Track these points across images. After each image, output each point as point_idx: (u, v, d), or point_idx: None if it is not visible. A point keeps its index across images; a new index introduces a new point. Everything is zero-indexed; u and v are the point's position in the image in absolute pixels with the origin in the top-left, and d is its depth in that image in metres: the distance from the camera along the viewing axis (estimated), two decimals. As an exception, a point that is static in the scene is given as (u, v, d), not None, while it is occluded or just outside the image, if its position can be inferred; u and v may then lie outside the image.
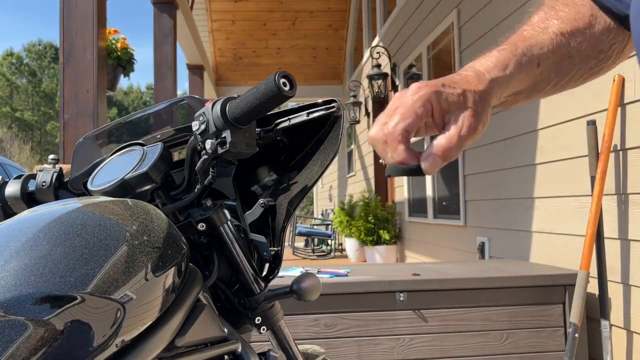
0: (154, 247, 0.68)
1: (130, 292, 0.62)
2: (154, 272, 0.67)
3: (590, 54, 0.74)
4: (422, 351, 2.55)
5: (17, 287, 0.56)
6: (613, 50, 0.76)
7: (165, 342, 0.68)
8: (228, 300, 0.97)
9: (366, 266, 3.57)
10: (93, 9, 2.99)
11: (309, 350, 1.19)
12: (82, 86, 2.95)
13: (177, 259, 0.72)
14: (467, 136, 0.63)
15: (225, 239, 0.92)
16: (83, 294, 0.58)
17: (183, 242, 0.76)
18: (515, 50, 0.69)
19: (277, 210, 1.00)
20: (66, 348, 0.55)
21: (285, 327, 1.01)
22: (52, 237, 0.62)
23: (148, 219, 0.72)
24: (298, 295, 0.96)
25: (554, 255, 3.11)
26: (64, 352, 0.55)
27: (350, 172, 10.66)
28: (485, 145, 4.06)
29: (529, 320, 2.60)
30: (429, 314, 2.55)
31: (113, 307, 0.60)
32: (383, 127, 0.64)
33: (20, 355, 0.52)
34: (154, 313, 0.66)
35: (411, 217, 6.37)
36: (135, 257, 0.65)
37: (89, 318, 0.57)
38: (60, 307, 0.56)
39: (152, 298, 0.65)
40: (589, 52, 0.74)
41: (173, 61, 5.34)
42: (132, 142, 0.99)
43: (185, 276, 0.75)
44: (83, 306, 0.57)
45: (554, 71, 0.72)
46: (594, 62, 0.75)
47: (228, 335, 0.83)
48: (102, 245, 0.63)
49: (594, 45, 0.74)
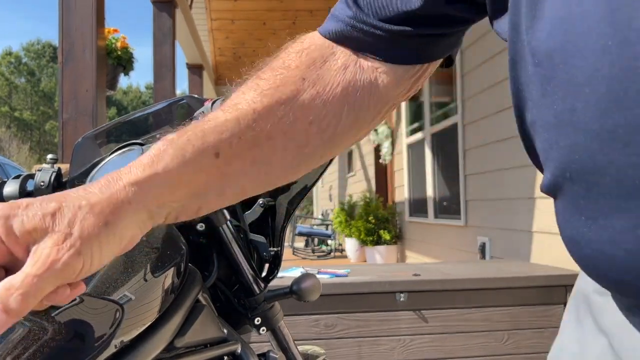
0: (153, 248, 0.68)
1: (129, 292, 0.62)
2: (153, 272, 0.66)
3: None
4: (422, 352, 2.54)
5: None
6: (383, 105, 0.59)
7: (165, 342, 0.67)
8: (228, 301, 0.96)
9: (366, 266, 3.57)
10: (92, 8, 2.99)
11: (309, 351, 1.19)
12: (81, 86, 2.95)
13: (176, 259, 0.72)
14: (48, 275, 0.40)
15: (225, 239, 0.91)
16: (82, 295, 0.57)
17: (182, 243, 0.76)
18: (180, 139, 0.50)
19: (276, 210, 0.99)
20: (65, 349, 0.55)
21: (285, 328, 1.01)
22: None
23: (147, 219, 0.71)
24: (298, 296, 0.95)
25: (555, 256, 3.10)
26: (62, 352, 0.54)
27: (350, 172, 10.66)
28: (486, 145, 4.06)
29: (530, 320, 2.60)
30: (429, 314, 2.55)
31: (112, 307, 0.59)
32: None
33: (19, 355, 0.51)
34: (153, 314, 0.65)
35: (411, 217, 6.37)
36: (134, 257, 0.64)
37: (87, 319, 0.57)
38: (58, 307, 0.55)
39: (151, 299, 0.65)
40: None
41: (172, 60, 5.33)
42: (131, 141, 0.99)
43: (185, 277, 0.75)
44: (82, 307, 0.57)
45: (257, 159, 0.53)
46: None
47: (228, 335, 0.82)
48: (100, 246, 0.62)
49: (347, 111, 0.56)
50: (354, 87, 0.56)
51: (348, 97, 0.55)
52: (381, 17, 0.54)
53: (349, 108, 0.55)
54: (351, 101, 0.55)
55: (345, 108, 0.55)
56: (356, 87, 0.56)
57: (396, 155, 7.00)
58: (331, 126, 0.55)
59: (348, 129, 0.57)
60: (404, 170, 6.60)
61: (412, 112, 6.31)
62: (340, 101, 0.55)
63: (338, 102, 0.55)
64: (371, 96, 0.57)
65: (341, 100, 0.55)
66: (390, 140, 7.04)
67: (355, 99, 0.56)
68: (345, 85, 0.55)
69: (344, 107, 0.55)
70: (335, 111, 0.55)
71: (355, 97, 0.56)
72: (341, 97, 0.55)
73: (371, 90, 0.56)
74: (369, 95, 0.57)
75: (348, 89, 0.55)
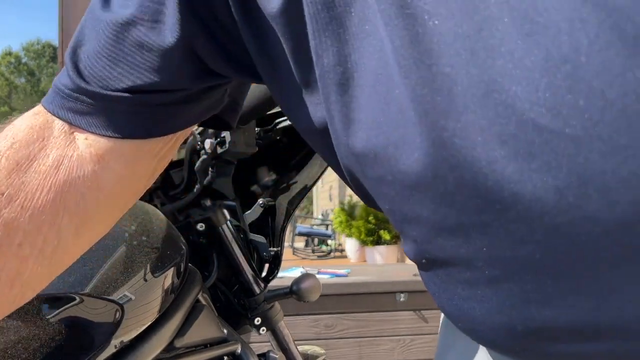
0: (153, 248, 0.68)
1: (129, 292, 0.62)
2: (153, 272, 0.66)
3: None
4: (422, 352, 2.55)
5: (14, 287, 0.55)
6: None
7: (165, 342, 0.68)
8: (228, 301, 0.96)
9: (366, 266, 3.57)
10: (92, 8, 2.99)
11: (308, 351, 1.19)
12: (81, 86, 2.94)
13: (176, 259, 0.72)
14: None
15: (225, 239, 0.91)
16: (82, 295, 0.57)
17: (182, 243, 0.76)
18: None
19: (276, 210, 0.99)
20: (65, 349, 0.55)
21: (285, 328, 1.01)
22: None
23: (147, 219, 0.72)
24: (298, 296, 0.95)
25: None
26: (63, 352, 0.55)
27: (350, 172, 10.65)
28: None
29: (529, 320, 2.60)
30: (429, 314, 2.55)
31: (112, 307, 0.60)
32: None
33: (20, 356, 0.52)
34: (153, 314, 0.66)
35: (411, 217, 6.37)
36: (134, 257, 0.65)
37: (88, 319, 0.57)
38: (59, 307, 0.55)
39: (151, 299, 0.65)
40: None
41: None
42: None
43: (185, 277, 0.75)
44: (82, 307, 0.57)
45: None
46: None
47: (227, 336, 0.82)
48: (100, 246, 0.63)
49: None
50: (72, 187, 0.44)
51: (66, 202, 0.44)
52: (104, 86, 0.44)
53: (69, 215, 0.44)
54: (70, 205, 0.44)
55: (62, 215, 0.44)
56: (75, 187, 0.44)
57: (396, 155, 6.99)
58: (49, 242, 0.44)
59: (75, 237, 0.46)
60: (404, 170, 6.59)
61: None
62: (54, 209, 0.44)
63: (51, 211, 0.43)
64: (99, 191, 0.45)
65: (55, 208, 0.44)
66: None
67: (76, 202, 0.44)
68: (59, 188, 0.43)
69: (59, 214, 0.44)
70: (51, 222, 0.43)
71: (75, 200, 0.44)
72: (55, 203, 0.43)
73: (98, 184, 0.45)
74: (95, 191, 0.45)
75: (63, 191, 0.44)
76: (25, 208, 0.42)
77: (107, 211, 0.48)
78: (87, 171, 0.45)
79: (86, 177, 0.45)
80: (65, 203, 0.44)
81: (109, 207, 0.48)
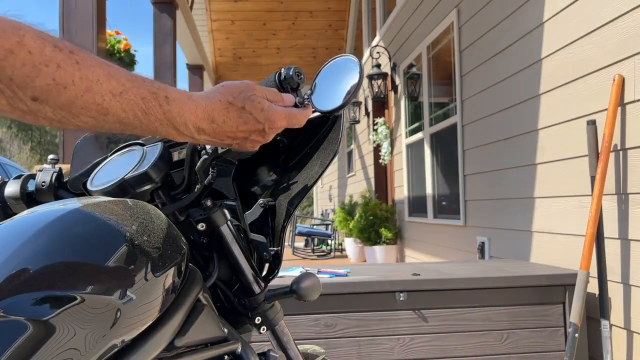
0: (154, 247, 0.68)
1: (130, 292, 0.62)
2: (154, 272, 0.66)
3: None
4: (422, 351, 2.55)
5: (16, 287, 0.56)
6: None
7: (165, 342, 0.68)
8: (228, 301, 0.97)
9: (366, 266, 3.57)
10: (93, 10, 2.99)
11: (308, 350, 1.19)
12: (81, 86, 2.95)
13: (176, 259, 0.72)
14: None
15: (225, 239, 0.92)
16: (83, 294, 0.57)
17: (183, 242, 0.76)
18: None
19: (277, 210, 0.99)
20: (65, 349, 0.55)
21: (285, 327, 1.01)
22: (52, 238, 0.61)
23: (148, 219, 0.72)
24: (298, 296, 0.96)
25: (554, 255, 3.11)
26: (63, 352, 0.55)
27: (350, 172, 10.66)
28: (485, 145, 4.06)
29: (529, 320, 2.60)
30: (429, 313, 2.55)
31: (113, 307, 0.60)
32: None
33: (20, 355, 0.52)
34: (153, 313, 0.66)
35: (411, 217, 6.37)
36: (134, 257, 0.65)
37: (88, 318, 0.57)
38: (59, 307, 0.56)
39: (152, 298, 0.65)
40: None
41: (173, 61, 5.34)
42: (132, 142, 0.99)
43: (185, 276, 0.75)
44: (83, 306, 0.57)
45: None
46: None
47: (228, 335, 0.83)
48: (101, 246, 0.63)
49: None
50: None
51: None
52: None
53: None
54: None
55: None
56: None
57: (396, 155, 7.00)
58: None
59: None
60: (403, 170, 6.60)
61: (411, 113, 6.31)
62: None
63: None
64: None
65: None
66: (390, 141, 7.05)
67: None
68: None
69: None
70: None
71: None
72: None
73: None
74: None
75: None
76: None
77: None
78: None
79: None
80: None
81: None
